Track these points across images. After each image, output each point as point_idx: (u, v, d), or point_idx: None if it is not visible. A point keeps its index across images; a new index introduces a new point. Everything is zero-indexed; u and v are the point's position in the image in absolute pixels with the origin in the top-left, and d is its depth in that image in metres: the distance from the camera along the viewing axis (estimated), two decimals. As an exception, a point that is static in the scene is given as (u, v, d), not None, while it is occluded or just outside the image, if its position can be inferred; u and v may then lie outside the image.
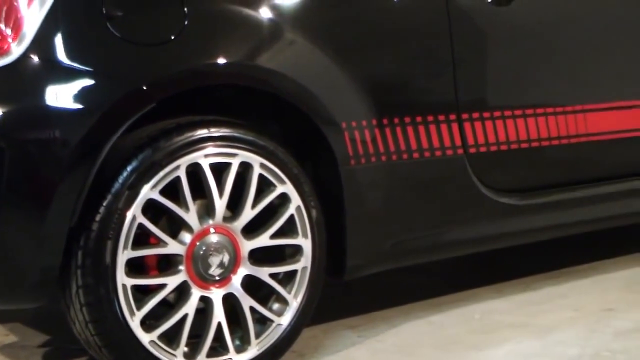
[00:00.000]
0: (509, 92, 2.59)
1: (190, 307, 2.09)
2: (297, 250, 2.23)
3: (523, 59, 2.60)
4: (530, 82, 2.63)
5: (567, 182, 2.75)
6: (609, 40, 2.76)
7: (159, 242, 2.07)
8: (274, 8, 2.19)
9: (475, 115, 2.48)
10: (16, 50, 1.94)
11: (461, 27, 2.46)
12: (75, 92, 1.95)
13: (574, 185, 2.76)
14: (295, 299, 2.22)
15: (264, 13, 2.17)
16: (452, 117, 2.44)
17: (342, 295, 2.85)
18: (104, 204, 2.00)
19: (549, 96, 2.64)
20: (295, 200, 2.20)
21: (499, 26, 2.54)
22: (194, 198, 2.09)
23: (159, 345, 2.06)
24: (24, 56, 1.95)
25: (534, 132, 2.59)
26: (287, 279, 2.23)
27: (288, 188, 2.19)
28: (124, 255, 2.01)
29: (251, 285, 2.18)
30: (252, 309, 2.16)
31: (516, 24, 2.57)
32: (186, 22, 2.06)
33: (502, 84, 2.57)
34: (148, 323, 2.06)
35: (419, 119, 2.38)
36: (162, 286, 2.07)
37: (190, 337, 2.10)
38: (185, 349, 2.10)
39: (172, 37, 2.04)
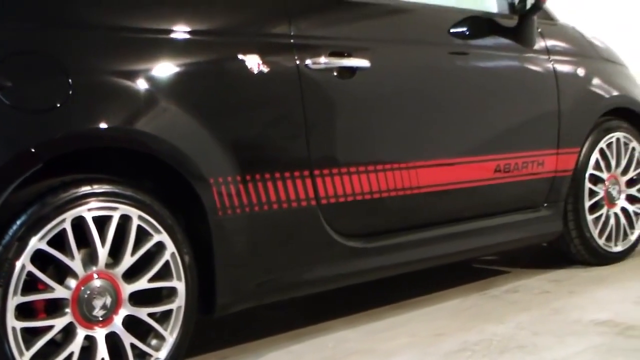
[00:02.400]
0: (354, 151, 2.71)
1: (76, 346, 2.11)
2: (172, 291, 2.28)
3: (365, 124, 2.73)
4: (371, 143, 2.76)
5: (405, 227, 2.89)
6: (435, 109, 2.94)
7: (47, 288, 2.08)
8: (150, 79, 2.25)
9: (326, 171, 2.60)
10: None
11: (312, 95, 2.57)
12: (-31, 154, 1.95)
13: (410, 229, 2.90)
14: (171, 335, 2.27)
15: (141, 84, 2.23)
16: (306, 173, 2.55)
17: (214, 330, 2.87)
18: (-5, 254, 2.00)
19: (387, 155, 2.79)
20: (170, 247, 2.26)
21: (344, 96, 2.66)
22: (79, 247, 2.12)
23: (47, 382, 2.06)
24: None
25: (375, 185, 2.73)
26: (163, 317, 2.28)
27: (163, 237, 2.25)
28: (13, 300, 2.01)
29: (131, 323, 2.20)
30: (132, 345, 2.20)
31: (358, 94, 2.70)
32: (70, 92, 2.10)
33: (348, 144, 2.69)
34: (37, 362, 2.07)
35: (277, 175, 2.48)
36: (50, 327, 2.08)
37: (76, 372, 2.11)
38: (72, 383, 2.10)
39: (58, 105, 2.08)
